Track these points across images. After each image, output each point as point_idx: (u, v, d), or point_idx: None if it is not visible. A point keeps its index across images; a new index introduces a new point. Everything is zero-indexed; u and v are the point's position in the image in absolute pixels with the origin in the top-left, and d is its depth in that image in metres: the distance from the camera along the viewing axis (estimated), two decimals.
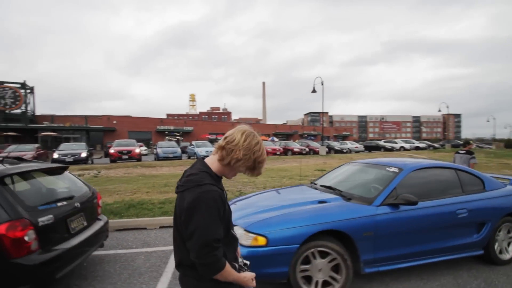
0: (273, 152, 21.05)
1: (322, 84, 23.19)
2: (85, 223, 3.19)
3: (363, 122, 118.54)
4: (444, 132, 78.54)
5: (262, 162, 1.17)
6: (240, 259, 1.31)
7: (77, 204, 3.06)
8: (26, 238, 2.33)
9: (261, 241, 2.51)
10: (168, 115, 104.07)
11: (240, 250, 1.45)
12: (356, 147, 27.11)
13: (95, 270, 3.35)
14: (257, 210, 3.00)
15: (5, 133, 27.57)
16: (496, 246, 3.31)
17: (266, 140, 34.49)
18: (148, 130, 37.67)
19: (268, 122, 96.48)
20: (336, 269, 2.65)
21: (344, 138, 54.58)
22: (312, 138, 47.46)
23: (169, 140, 38.26)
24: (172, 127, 39.32)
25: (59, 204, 2.83)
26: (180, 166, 14.69)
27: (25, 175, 2.86)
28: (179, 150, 18.24)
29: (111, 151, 16.36)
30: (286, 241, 2.53)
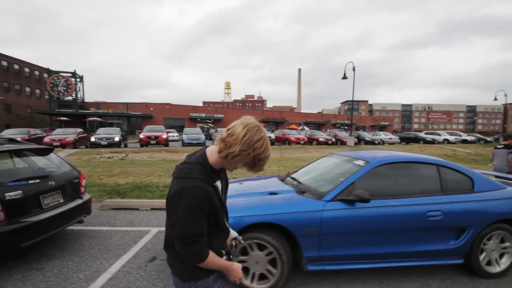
0: (297, 141, 20.59)
1: (354, 70, 21.70)
2: (61, 200, 3.50)
3: (407, 112, 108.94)
4: (503, 124, 68.65)
5: (263, 159, 1.13)
6: (229, 243, 1.39)
7: (52, 183, 3.37)
8: None
9: None
10: (204, 102, 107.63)
11: None
12: (390, 139, 25.09)
13: (74, 243, 3.69)
14: None
15: (58, 118, 31.26)
16: (482, 256, 2.85)
17: (295, 129, 33.96)
18: (181, 117, 39.52)
19: (303, 111, 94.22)
20: (273, 263, 2.55)
21: (382, 128, 51.02)
22: (346, 128, 45.23)
23: (201, 127, 39.76)
24: (203, 115, 40.66)
25: (31, 181, 3.14)
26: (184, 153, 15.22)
27: (2, 154, 3.21)
28: (203, 136, 18.86)
29: (141, 136, 17.55)
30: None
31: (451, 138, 26.47)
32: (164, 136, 17.73)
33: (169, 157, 13.86)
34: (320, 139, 21.54)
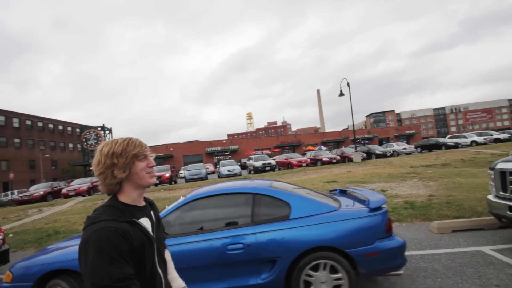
0: (299, 164, 20.22)
1: (348, 85, 21.43)
2: None
3: (440, 116, 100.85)
4: None
5: (123, 154, 1.02)
6: None
7: None
8: None
9: (8, 277, 2.79)
10: (228, 135, 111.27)
11: None
12: (405, 149, 23.37)
13: None
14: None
15: (90, 168, 34.66)
16: None
17: (312, 150, 33.38)
18: (199, 153, 41.41)
19: (328, 130, 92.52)
20: None
21: (409, 137, 47.72)
22: (367, 142, 43.23)
23: (218, 160, 40.96)
24: (219, 148, 42.15)
25: None
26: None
27: None
28: (203, 171, 19.50)
29: None
30: (22, 279, 2.74)
31: (480, 139, 23.86)
32: (167, 175, 18.71)
33: (164, 195, 14.50)
34: (324, 159, 20.90)
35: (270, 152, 40.70)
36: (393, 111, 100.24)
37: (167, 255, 1.30)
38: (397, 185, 9.59)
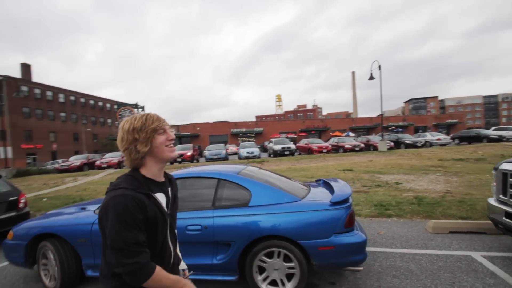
0: (319, 150, 19.73)
1: (380, 68, 19.90)
2: None
3: (491, 104, 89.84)
4: None
5: (143, 129, 1.07)
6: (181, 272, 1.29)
7: None
8: None
9: (10, 235, 3.24)
10: (256, 117, 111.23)
11: None
12: (439, 139, 21.44)
13: None
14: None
15: None
16: (262, 276, 2.70)
17: (339, 136, 32.35)
18: (224, 134, 42.21)
19: (362, 115, 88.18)
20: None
21: (450, 127, 43.66)
22: (401, 130, 40.47)
23: (243, 141, 41.51)
24: (244, 129, 42.50)
25: None
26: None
27: None
28: (223, 152, 19.99)
29: None
30: (19, 238, 3.15)
31: None
32: (189, 153, 19.51)
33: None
34: (346, 146, 20.10)
35: (295, 136, 40.17)
36: (436, 97, 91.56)
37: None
38: (415, 178, 9.03)
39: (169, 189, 1.21)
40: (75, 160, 20.46)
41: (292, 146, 20.24)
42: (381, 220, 5.12)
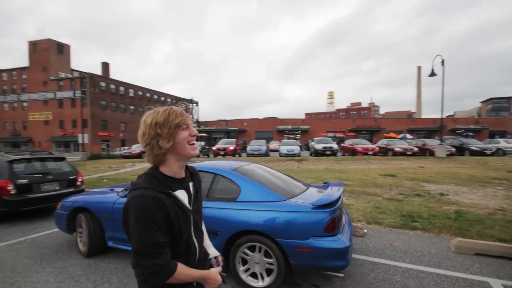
0: (364, 152, 18.49)
1: (443, 64, 17.55)
2: (57, 188, 5.89)
3: None
4: None
5: (166, 124, 1.04)
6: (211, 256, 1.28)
7: (50, 177, 5.79)
8: (8, 188, 5.16)
9: (58, 206, 4.08)
10: (306, 114, 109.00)
11: None
12: None
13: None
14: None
15: None
16: (244, 267, 2.88)
17: (393, 138, 29.96)
18: (270, 130, 42.63)
19: (427, 116, 78.91)
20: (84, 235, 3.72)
21: None
22: (471, 134, 34.99)
23: (288, 138, 41.35)
24: (290, 126, 42.20)
25: (36, 175, 5.62)
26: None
27: (22, 160, 5.82)
28: (264, 148, 20.29)
29: (213, 148, 20.99)
30: (64, 209, 3.93)
31: None
32: (231, 148, 20.41)
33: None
34: (396, 149, 18.37)
35: (343, 136, 38.28)
36: None
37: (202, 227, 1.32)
38: (468, 190, 7.94)
39: (191, 184, 1.18)
40: (136, 148, 23.41)
41: (335, 146, 19.44)
42: (403, 232, 4.74)
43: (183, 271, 1.04)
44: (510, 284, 2.94)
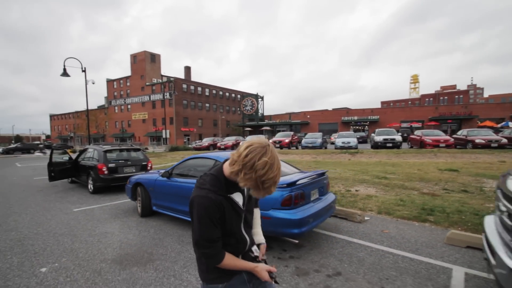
0: (434, 144, 16.29)
1: None
2: (134, 170, 8.05)
3: None
4: None
5: (266, 181, 1.09)
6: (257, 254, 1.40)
7: (129, 163, 7.99)
8: (104, 169, 7.49)
9: (127, 182, 5.89)
10: (382, 102, 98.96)
11: None
12: None
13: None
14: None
15: (245, 129, 43.81)
16: None
17: (494, 127, 25.44)
18: (334, 122, 40.97)
19: None
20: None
21: None
22: None
23: (355, 130, 38.98)
24: (356, 118, 39.55)
25: (120, 161, 7.88)
26: (308, 155, 17.02)
27: (112, 151, 8.17)
28: (318, 141, 20.17)
29: (270, 141, 22.17)
30: (130, 184, 5.68)
31: None
32: (287, 140, 21.21)
33: None
34: (477, 141, 15.49)
35: (421, 126, 33.73)
36: None
37: (256, 212, 1.52)
38: None
39: (246, 189, 1.31)
40: (205, 141, 26.89)
41: (398, 137, 17.77)
42: (408, 223, 4.75)
43: (229, 262, 1.23)
44: (473, 273, 3.01)
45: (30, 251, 3.83)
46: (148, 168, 8.44)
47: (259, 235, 1.48)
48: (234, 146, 24.04)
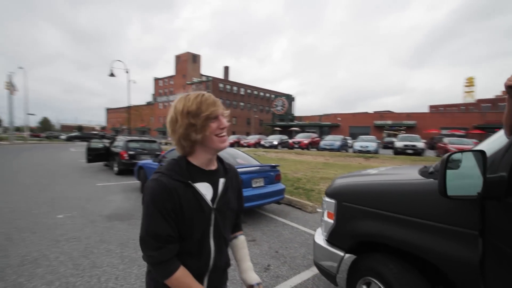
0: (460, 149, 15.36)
1: None
2: (149, 158, 9.72)
3: None
4: None
5: (198, 114, 0.91)
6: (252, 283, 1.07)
7: (146, 151, 9.69)
8: (125, 155, 9.27)
9: (135, 166, 7.45)
10: (430, 107, 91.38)
11: None
12: None
13: None
14: None
15: (274, 129, 44.71)
16: None
17: None
18: (366, 125, 39.54)
19: None
20: None
21: None
22: None
23: (388, 134, 37.28)
24: (390, 122, 37.65)
25: (139, 150, 9.62)
26: (322, 157, 17.44)
27: (133, 141, 9.97)
28: (337, 143, 20.27)
29: (290, 141, 22.87)
30: (136, 167, 7.21)
31: None
32: (306, 142, 21.71)
33: (287, 156, 17.76)
34: None
35: (464, 134, 31.03)
36: None
37: (241, 241, 1.19)
38: None
39: (222, 180, 1.02)
40: (231, 139, 28.64)
41: (419, 144, 17.13)
42: None
43: (183, 279, 0.90)
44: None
45: (56, 205, 5.48)
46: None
47: (250, 271, 1.12)
48: (257, 144, 25.24)
